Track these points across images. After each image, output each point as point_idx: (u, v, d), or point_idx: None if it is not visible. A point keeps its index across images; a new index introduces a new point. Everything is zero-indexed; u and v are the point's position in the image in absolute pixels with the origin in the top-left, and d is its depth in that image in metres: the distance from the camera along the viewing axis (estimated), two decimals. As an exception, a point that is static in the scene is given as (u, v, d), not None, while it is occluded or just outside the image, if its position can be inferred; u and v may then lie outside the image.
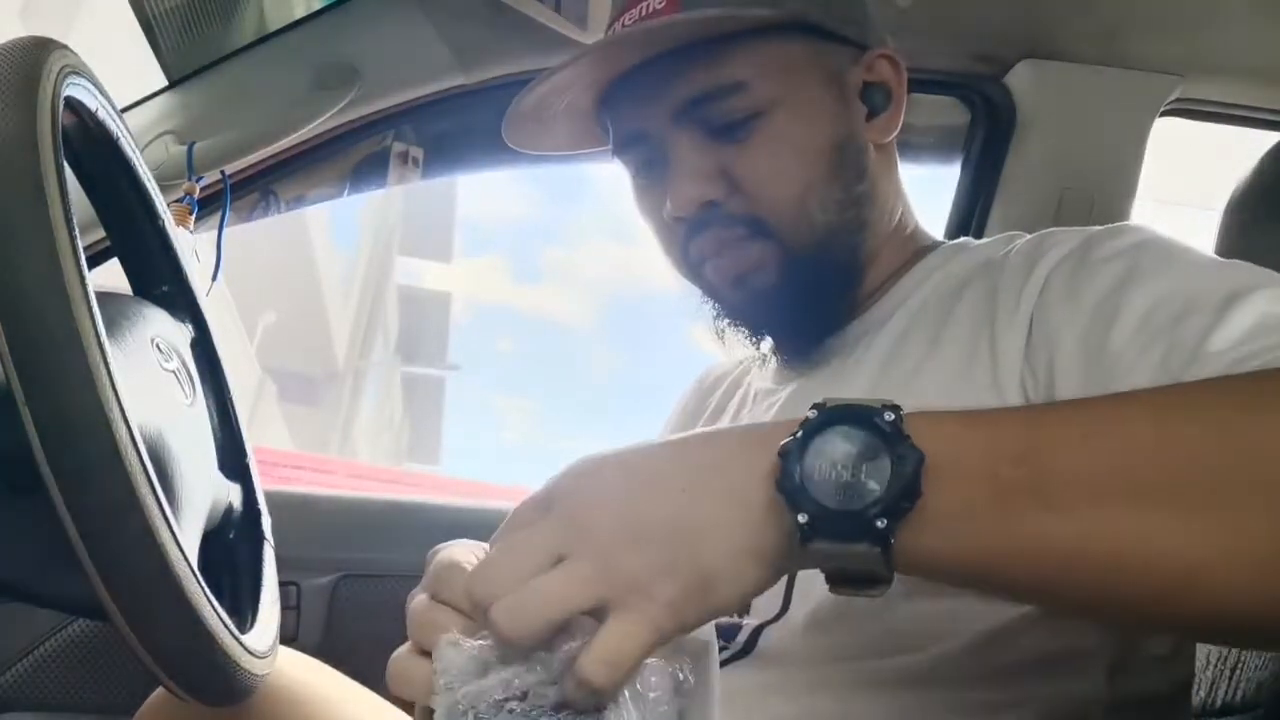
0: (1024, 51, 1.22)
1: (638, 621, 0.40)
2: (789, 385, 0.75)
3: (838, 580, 0.42)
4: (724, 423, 0.82)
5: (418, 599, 0.49)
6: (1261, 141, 0.94)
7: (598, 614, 0.41)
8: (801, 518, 0.40)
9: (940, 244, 0.77)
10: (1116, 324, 0.55)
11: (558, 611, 0.41)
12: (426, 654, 0.46)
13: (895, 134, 0.75)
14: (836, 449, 0.41)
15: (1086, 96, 1.22)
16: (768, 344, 0.74)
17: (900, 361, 0.67)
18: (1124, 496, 0.39)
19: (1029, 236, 0.69)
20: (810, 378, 0.73)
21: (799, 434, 0.42)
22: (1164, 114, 1.24)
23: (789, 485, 0.41)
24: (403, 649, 0.48)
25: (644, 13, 0.69)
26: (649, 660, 0.42)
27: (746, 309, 0.73)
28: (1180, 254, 0.59)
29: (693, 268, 0.73)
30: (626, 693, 0.42)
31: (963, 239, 0.76)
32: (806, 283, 0.70)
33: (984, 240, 0.74)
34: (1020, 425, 0.42)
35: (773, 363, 0.78)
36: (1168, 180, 1.33)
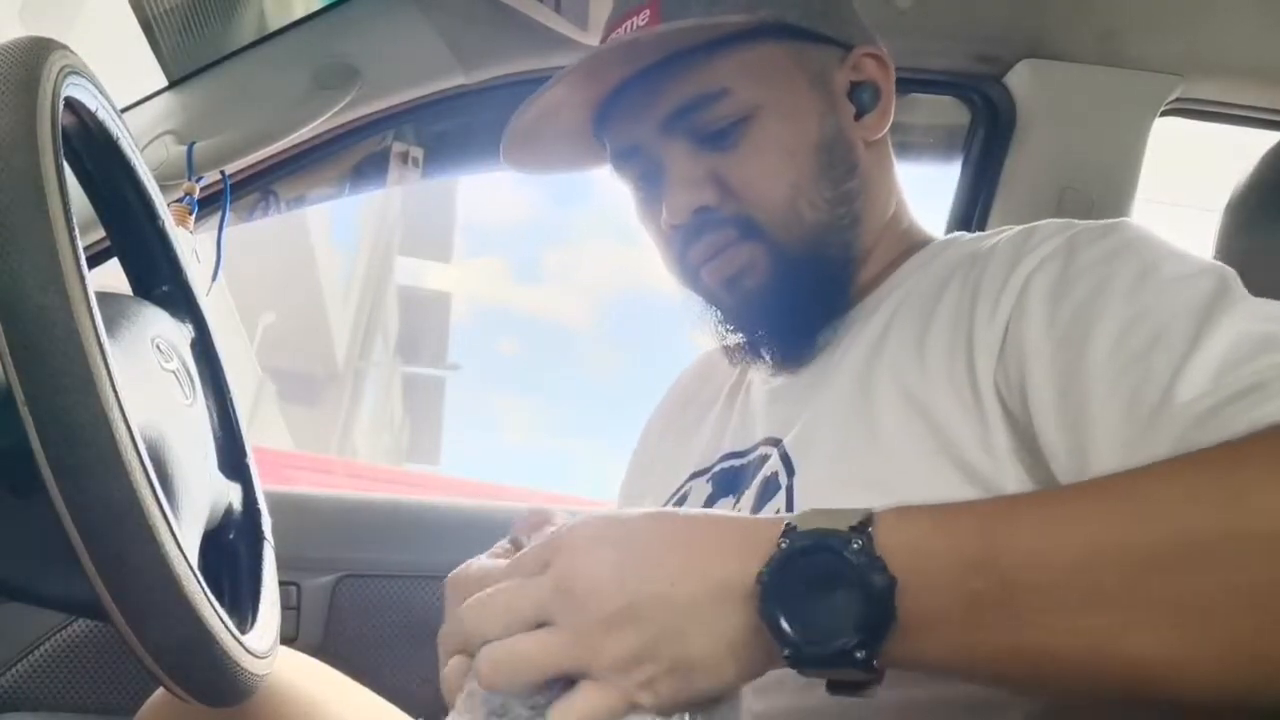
0: (1024, 51, 1.22)
1: (611, 693, 0.43)
2: (780, 378, 0.76)
3: (830, 687, 0.44)
4: (716, 411, 0.82)
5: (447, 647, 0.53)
6: (1261, 141, 0.94)
7: (575, 678, 0.44)
8: (785, 653, 0.42)
9: (933, 240, 0.77)
10: (1088, 350, 0.54)
11: (534, 673, 0.44)
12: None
13: (886, 130, 0.75)
14: (809, 582, 0.43)
15: (1086, 96, 1.22)
16: (765, 343, 0.74)
17: (883, 355, 0.67)
18: (1084, 600, 0.40)
19: (1016, 230, 0.68)
20: (800, 373, 0.74)
21: (772, 563, 0.43)
22: (1164, 114, 1.24)
23: (770, 619, 0.43)
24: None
25: (628, 31, 0.71)
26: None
27: (741, 310, 0.74)
28: (1160, 259, 0.58)
29: (691, 274, 0.74)
30: None
31: (956, 234, 0.76)
32: (798, 281, 0.71)
33: (976, 234, 0.74)
34: (981, 532, 0.43)
35: (770, 358, 0.78)
36: (1168, 180, 1.33)
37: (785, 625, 0.42)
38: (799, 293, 0.71)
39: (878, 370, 0.66)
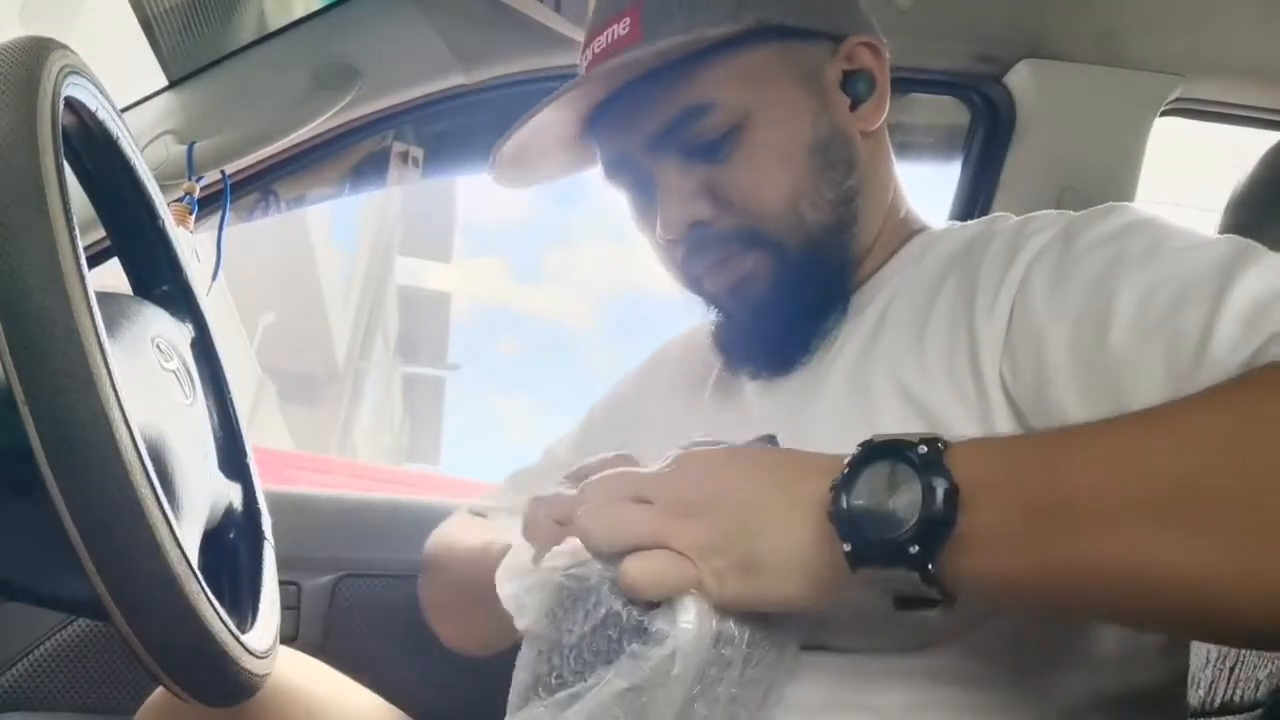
0: (1024, 51, 1.22)
1: (684, 564, 0.48)
2: (770, 373, 0.74)
3: (897, 603, 0.46)
4: (703, 400, 0.81)
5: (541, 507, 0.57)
6: (1261, 141, 0.94)
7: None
8: (846, 547, 0.45)
9: (927, 229, 0.76)
10: (1111, 322, 0.54)
11: (622, 536, 0.49)
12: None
13: (883, 120, 0.74)
14: (877, 482, 0.46)
15: (1086, 96, 1.22)
16: (767, 346, 0.73)
17: (879, 351, 0.66)
18: (1144, 516, 0.41)
19: (1013, 219, 0.68)
20: (793, 370, 0.72)
21: (846, 469, 0.47)
22: (1164, 114, 1.24)
23: (838, 516, 0.46)
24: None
25: (612, 39, 0.70)
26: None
27: (746, 314, 0.73)
28: (1165, 234, 0.58)
29: (693, 281, 0.74)
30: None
31: (949, 224, 0.75)
32: (803, 284, 0.70)
33: (968, 223, 0.73)
34: (1043, 450, 0.46)
35: (770, 362, 0.76)
36: (1168, 180, 1.33)
37: (850, 521, 0.45)
38: (803, 296, 0.70)
39: (874, 366, 0.66)
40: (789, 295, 0.70)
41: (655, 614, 0.48)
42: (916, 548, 0.43)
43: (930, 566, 0.44)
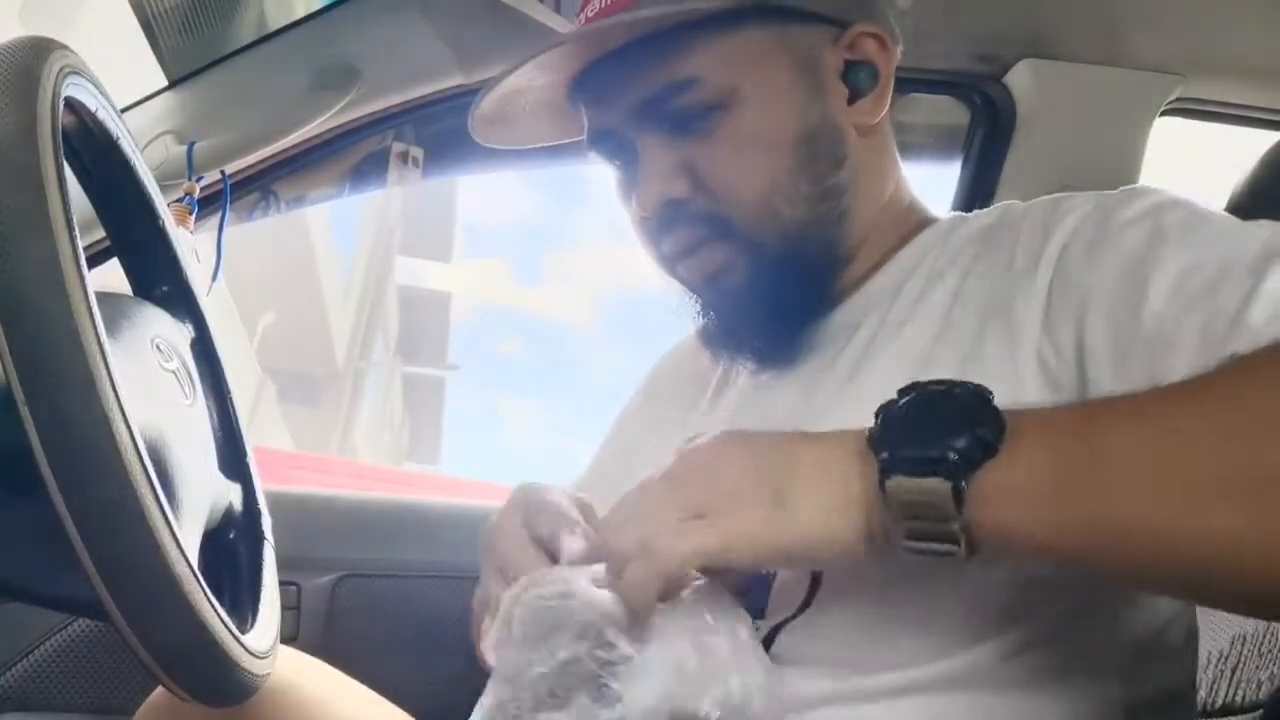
0: (1024, 51, 1.21)
1: (706, 528, 0.48)
2: (772, 375, 0.73)
3: (914, 534, 0.46)
4: (700, 409, 0.79)
5: (512, 531, 0.58)
6: (1261, 141, 0.94)
7: None
8: (884, 455, 0.46)
9: (936, 220, 0.74)
10: (1149, 291, 0.54)
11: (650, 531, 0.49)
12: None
13: (884, 115, 0.71)
14: (924, 407, 0.47)
15: (1086, 96, 1.22)
16: (748, 341, 0.72)
17: (895, 342, 0.65)
18: (1180, 483, 0.43)
19: (1038, 200, 0.66)
20: (796, 368, 0.71)
21: (892, 400, 0.48)
22: (1164, 114, 1.24)
23: (877, 431, 0.48)
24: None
25: (606, 2, 0.68)
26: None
27: (723, 306, 0.71)
28: (1202, 215, 0.58)
29: (668, 265, 0.72)
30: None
31: (957, 214, 0.73)
32: (778, 282, 0.68)
33: (980, 212, 0.71)
34: (1077, 411, 0.49)
35: (754, 356, 0.74)
36: (1168, 180, 1.33)
37: (892, 433, 0.47)
38: (781, 292, 0.68)
39: (888, 363, 0.64)
40: (767, 291, 0.68)
41: (618, 671, 0.47)
42: (955, 456, 0.44)
43: (964, 483, 0.44)
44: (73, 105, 0.56)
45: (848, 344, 0.68)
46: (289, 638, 1.10)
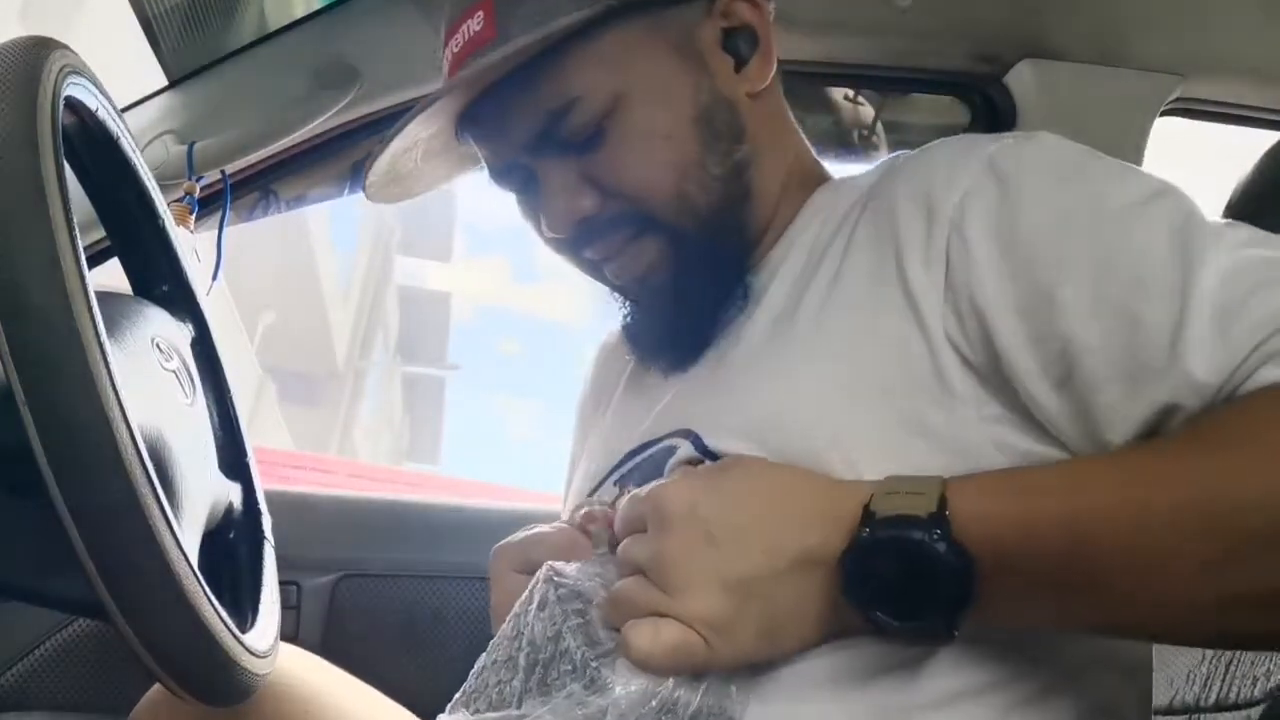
0: (1024, 51, 1.21)
1: (692, 637, 0.48)
2: (678, 366, 0.70)
3: (894, 632, 0.49)
4: (610, 407, 0.78)
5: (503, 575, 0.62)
6: (1261, 141, 0.94)
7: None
8: (871, 626, 0.48)
9: (830, 180, 0.72)
10: (1065, 303, 0.52)
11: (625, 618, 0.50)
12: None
13: (771, 76, 0.69)
14: (891, 570, 0.46)
15: (1086, 96, 1.21)
16: (675, 332, 0.69)
17: (801, 309, 0.62)
18: (1172, 561, 0.45)
19: (917, 153, 0.63)
20: (701, 356, 0.68)
21: (854, 550, 0.48)
22: (1164, 114, 1.24)
23: (854, 600, 0.48)
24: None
25: (467, 35, 0.66)
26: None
27: (655, 302, 0.69)
28: (1106, 188, 0.56)
29: (593, 270, 0.70)
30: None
31: (846, 175, 0.71)
32: (704, 266, 0.66)
33: (868, 169, 0.69)
34: (1063, 510, 0.47)
35: (679, 348, 0.71)
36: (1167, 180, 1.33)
37: (869, 608, 0.47)
38: (706, 278, 0.67)
39: (795, 344, 0.61)
40: (693, 278, 0.66)
41: (610, 661, 0.49)
42: (944, 625, 0.47)
43: (953, 630, 0.47)
44: (73, 105, 0.56)
45: (750, 323, 0.65)
46: (289, 637, 1.09)
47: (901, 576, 0.46)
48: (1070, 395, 0.52)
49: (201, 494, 0.60)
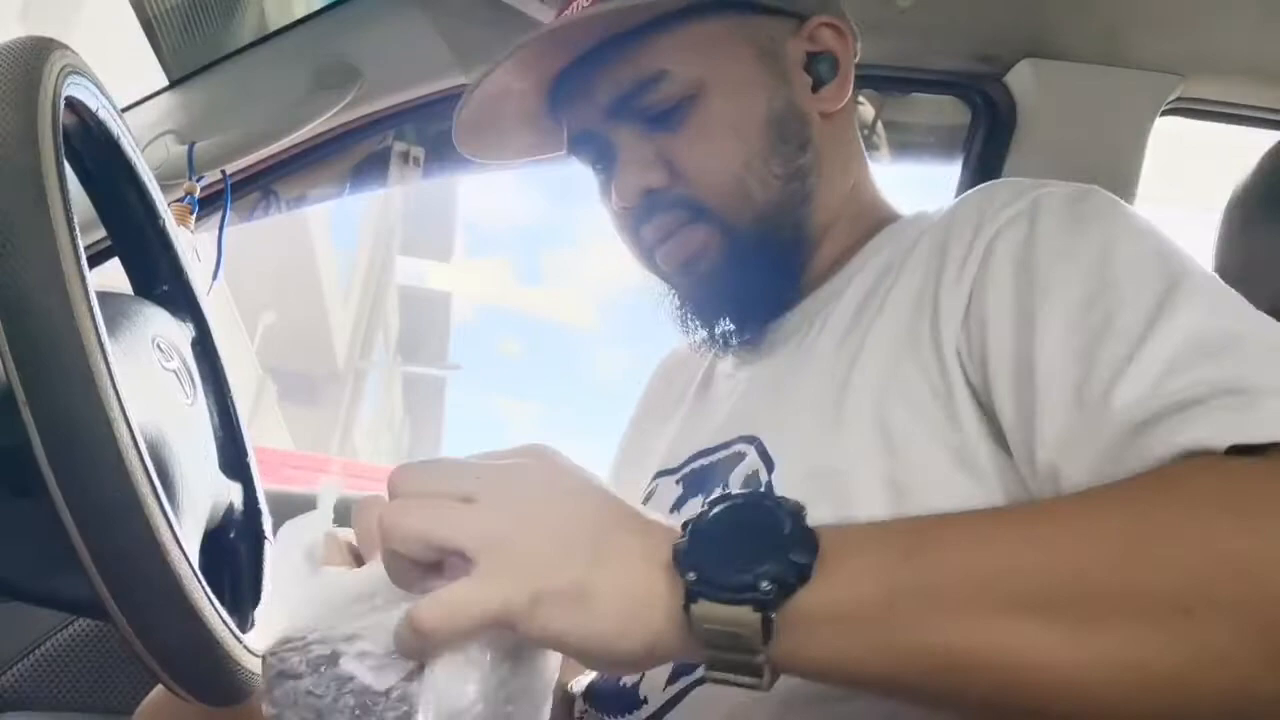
0: (1024, 51, 1.22)
1: (493, 587, 0.40)
2: (749, 366, 0.75)
3: (716, 664, 0.42)
4: (684, 408, 0.81)
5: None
6: (1261, 141, 0.94)
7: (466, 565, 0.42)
8: (690, 575, 0.41)
9: (901, 216, 0.75)
10: (1044, 330, 0.53)
11: (428, 535, 0.41)
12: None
13: (845, 102, 0.74)
14: (735, 525, 0.42)
15: (1087, 96, 1.22)
16: (722, 326, 0.73)
17: (853, 332, 0.65)
18: (1012, 606, 0.40)
19: (977, 189, 0.66)
20: (770, 357, 0.72)
21: (702, 510, 0.43)
22: (1164, 114, 1.24)
23: (684, 547, 0.42)
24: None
25: (575, 10, 0.70)
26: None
27: (697, 292, 0.73)
28: (1121, 239, 0.56)
29: (646, 255, 0.74)
30: (445, 662, 0.41)
31: (922, 210, 0.74)
32: (752, 262, 0.70)
33: (941, 207, 0.71)
34: (911, 528, 0.43)
35: (728, 343, 0.75)
36: (1168, 180, 1.33)
37: (696, 554, 0.41)
38: (753, 273, 0.70)
39: (849, 355, 0.64)
40: (740, 268, 0.70)
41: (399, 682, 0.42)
42: (769, 585, 0.40)
43: (774, 615, 0.40)
44: (73, 105, 0.56)
45: (815, 341, 0.68)
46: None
47: (740, 534, 0.42)
48: (1024, 416, 0.52)
49: (202, 494, 0.60)
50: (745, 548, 0.41)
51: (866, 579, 0.41)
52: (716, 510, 0.43)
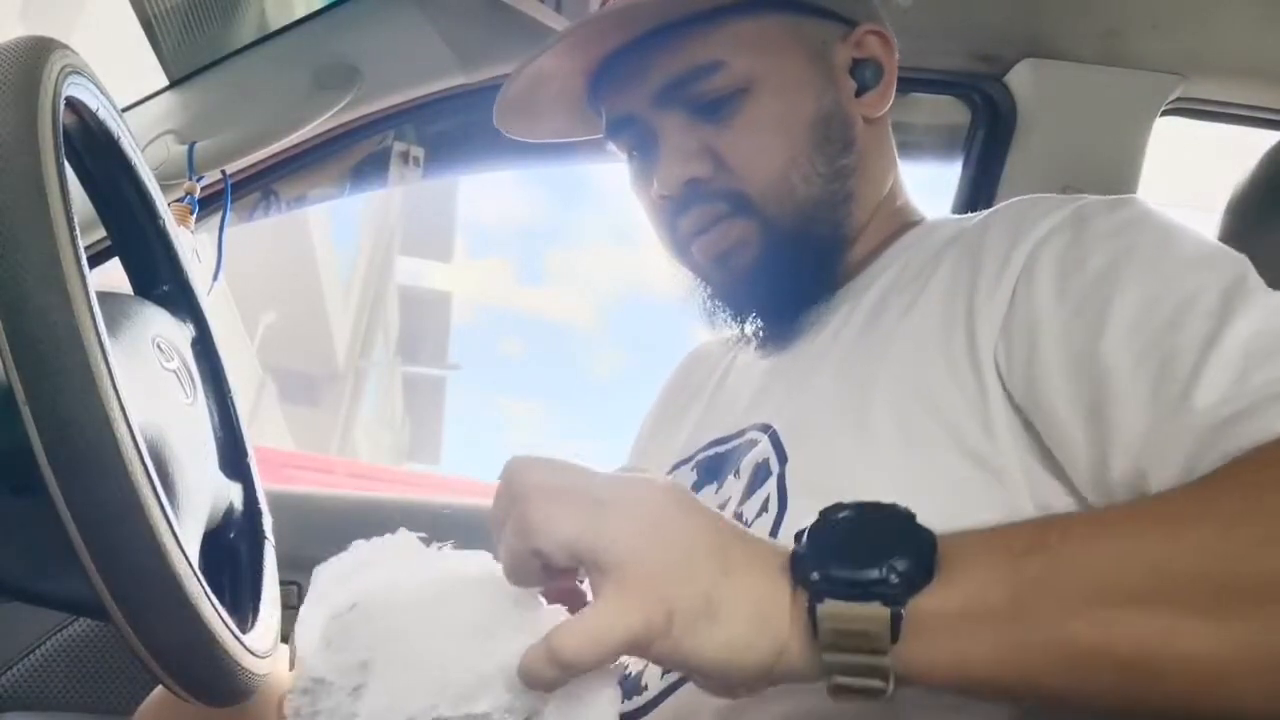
0: (1025, 51, 1.22)
1: (633, 607, 0.40)
2: (769, 358, 0.75)
3: (838, 669, 0.41)
4: (703, 400, 0.82)
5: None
6: (1261, 141, 0.94)
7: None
8: (814, 575, 0.41)
9: (925, 220, 0.76)
10: (1107, 324, 0.53)
11: (567, 537, 0.42)
12: None
13: (886, 109, 0.75)
14: (857, 526, 0.43)
15: (1087, 96, 1.22)
16: (753, 322, 0.74)
17: (876, 336, 0.65)
18: (1143, 597, 0.40)
19: (1018, 199, 0.67)
20: (790, 349, 0.73)
21: (817, 520, 0.43)
22: (1164, 114, 1.24)
23: (803, 552, 0.43)
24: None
25: None
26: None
27: (731, 286, 0.73)
28: (1177, 236, 0.57)
29: (681, 246, 0.74)
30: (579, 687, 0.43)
31: (948, 215, 0.76)
32: (789, 257, 0.70)
33: (968, 214, 0.72)
34: (1027, 527, 0.44)
35: (757, 338, 0.76)
36: (1168, 180, 1.33)
37: (819, 556, 0.42)
38: (789, 269, 0.71)
39: (871, 352, 0.65)
40: (776, 264, 0.70)
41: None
42: (897, 579, 0.40)
43: (904, 609, 0.40)
44: (74, 105, 0.56)
45: (836, 336, 0.69)
46: (289, 637, 1.10)
47: (859, 538, 0.42)
48: (1094, 421, 0.52)
49: (202, 494, 0.60)
50: (870, 546, 0.41)
51: (991, 577, 0.41)
52: (834, 516, 0.43)
